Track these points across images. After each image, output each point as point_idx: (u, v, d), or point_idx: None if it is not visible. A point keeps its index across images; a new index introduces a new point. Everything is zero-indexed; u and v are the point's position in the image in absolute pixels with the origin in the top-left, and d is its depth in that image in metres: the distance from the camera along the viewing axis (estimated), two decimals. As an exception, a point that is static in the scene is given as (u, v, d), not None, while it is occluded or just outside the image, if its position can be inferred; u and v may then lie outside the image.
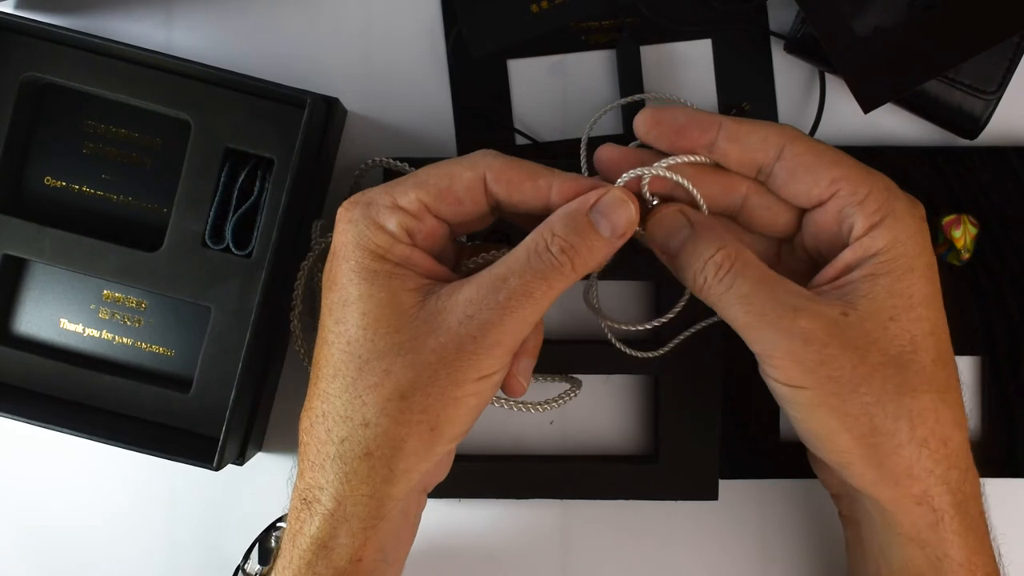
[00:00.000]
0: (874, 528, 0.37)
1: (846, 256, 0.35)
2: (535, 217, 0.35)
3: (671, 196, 0.37)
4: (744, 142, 0.35)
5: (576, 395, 0.42)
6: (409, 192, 0.35)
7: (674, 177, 0.35)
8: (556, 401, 0.41)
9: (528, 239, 0.34)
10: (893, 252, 0.34)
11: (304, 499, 0.35)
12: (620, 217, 0.34)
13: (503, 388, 0.36)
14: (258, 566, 0.42)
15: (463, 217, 0.36)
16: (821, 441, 0.35)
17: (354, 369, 0.33)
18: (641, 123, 0.36)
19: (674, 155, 0.36)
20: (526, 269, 0.33)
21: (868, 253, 0.34)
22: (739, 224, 0.38)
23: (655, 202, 0.36)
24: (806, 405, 0.34)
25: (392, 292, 0.34)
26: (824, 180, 0.35)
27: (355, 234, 0.34)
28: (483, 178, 0.35)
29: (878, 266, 0.34)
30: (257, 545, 0.44)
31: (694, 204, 0.36)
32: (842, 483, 0.38)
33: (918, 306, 0.34)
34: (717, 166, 0.37)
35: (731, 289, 0.34)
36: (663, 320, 0.39)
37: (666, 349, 0.42)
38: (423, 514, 0.47)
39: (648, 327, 0.39)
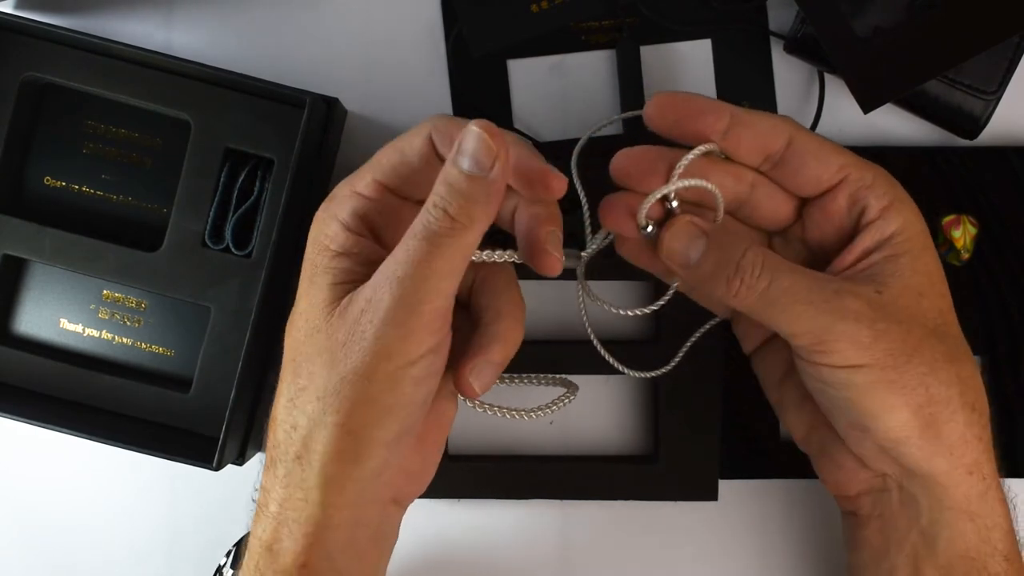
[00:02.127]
0: (913, 514, 0.37)
1: (863, 241, 0.35)
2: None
3: (686, 195, 0.37)
4: (756, 128, 0.35)
5: (572, 399, 0.42)
6: (365, 175, 0.34)
7: (699, 183, 0.35)
8: (550, 407, 0.40)
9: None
10: (908, 232, 0.35)
11: (257, 501, 0.35)
12: (475, 146, 0.31)
13: (455, 386, 0.35)
14: (231, 570, 0.42)
15: (425, 188, 0.34)
16: (877, 420, 0.35)
17: (291, 372, 0.33)
18: (653, 109, 0.35)
19: (686, 149, 0.35)
20: (411, 239, 0.32)
21: (884, 235, 0.35)
22: (738, 218, 0.38)
23: (675, 204, 0.36)
24: (862, 385, 0.34)
25: (323, 289, 0.33)
26: (833, 166, 0.35)
27: (314, 232, 0.34)
28: (430, 139, 0.34)
29: (897, 247, 0.35)
30: (235, 549, 0.44)
31: (709, 200, 0.36)
32: (872, 476, 0.38)
33: (938, 283, 0.35)
34: (723, 158, 0.37)
35: (772, 284, 0.34)
36: (655, 307, 0.38)
37: (667, 368, 0.41)
38: (423, 515, 0.47)
39: (639, 312, 0.38)
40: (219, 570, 0.44)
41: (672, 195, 0.35)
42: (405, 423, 0.33)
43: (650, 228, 0.36)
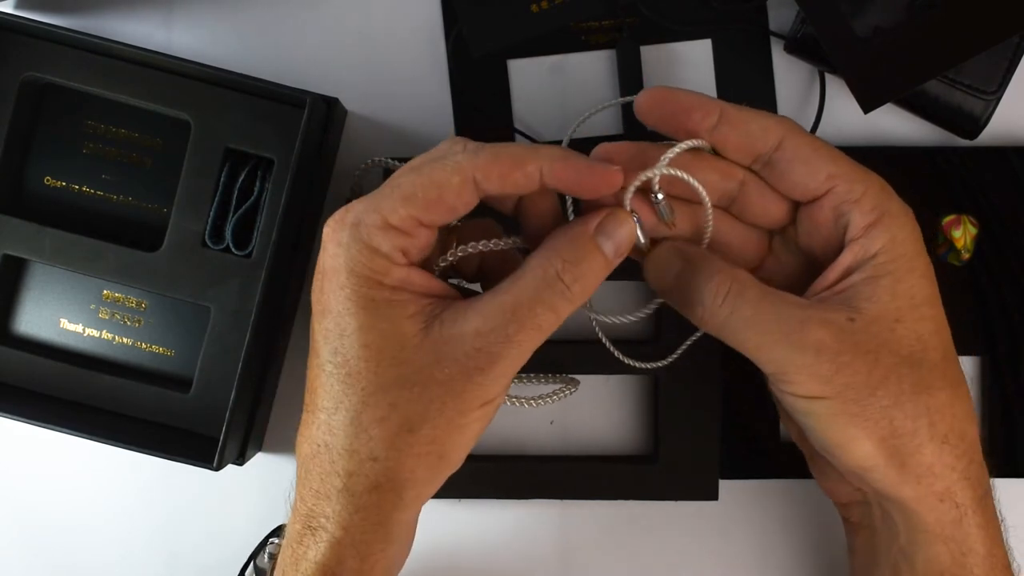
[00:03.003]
0: (893, 531, 0.37)
1: (845, 259, 0.35)
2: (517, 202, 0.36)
3: (673, 190, 0.36)
4: (745, 128, 0.35)
5: (572, 392, 0.42)
6: (399, 209, 0.33)
7: (681, 175, 0.35)
8: (551, 397, 0.41)
9: (534, 266, 0.33)
10: (892, 252, 0.34)
11: (308, 526, 0.34)
12: (623, 235, 0.34)
13: None
14: None
15: (455, 217, 0.35)
16: (841, 449, 0.35)
17: (357, 402, 0.33)
18: (644, 101, 0.36)
19: (673, 142, 0.35)
20: (536, 300, 0.33)
21: (867, 255, 0.34)
22: (732, 215, 0.38)
23: (660, 196, 0.36)
24: (825, 415, 0.34)
25: (393, 322, 0.33)
26: (821, 174, 0.35)
27: (347, 259, 0.33)
28: (472, 180, 0.33)
29: (878, 268, 0.34)
30: (252, 565, 0.44)
31: (696, 196, 0.36)
32: (855, 490, 0.38)
33: (921, 305, 0.34)
34: (714, 153, 0.36)
35: (734, 313, 0.34)
36: (649, 310, 0.38)
37: (669, 360, 0.41)
38: (423, 515, 0.47)
39: (634, 318, 0.39)
40: None
41: (656, 186, 0.35)
42: (469, 449, 0.35)
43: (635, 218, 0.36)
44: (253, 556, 0.44)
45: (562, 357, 0.46)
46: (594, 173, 0.34)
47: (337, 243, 0.33)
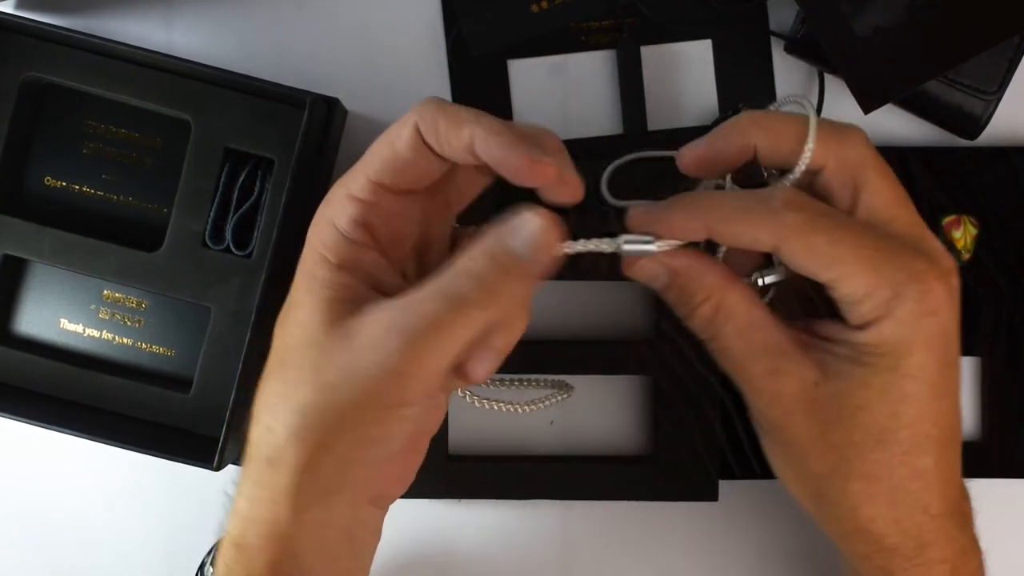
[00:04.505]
0: None
1: (828, 328, 0.34)
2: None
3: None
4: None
5: (566, 397, 0.42)
6: (359, 176, 0.32)
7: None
8: (543, 402, 0.40)
9: (453, 263, 0.31)
10: (881, 350, 0.33)
11: (231, 495, 0.34)
12: (537, 237, 0.31)
13: (457, 373, 0.34)
14: (211, 568, 0.42)
15: (424, 180, 0.33)
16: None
17: (277, 375, 0.33)
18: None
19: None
20: (437, 298, 0.31)
21: (853, 340, 0.33)
22: None
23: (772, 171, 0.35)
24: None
25: (321, 303, 0.32)
26: (822, 276, 0.33)
27: (311, 236, 0.33)
28: (417, 129, 0.32)
29: (861, 356, 0.33)
30: (215, 546, 0.44)
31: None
32: None
33: (898, 402, 0.33)
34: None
35: (715, 340, 0.35)
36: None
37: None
38: (423, 515, 0.47)
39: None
40: (201, 567, 0.44)
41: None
42: (388, 450, 0.32)
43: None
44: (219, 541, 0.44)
45: (561, 358, 0.46)
46: (520, 157, 0.30)
47: (312, 223, 0.34)
